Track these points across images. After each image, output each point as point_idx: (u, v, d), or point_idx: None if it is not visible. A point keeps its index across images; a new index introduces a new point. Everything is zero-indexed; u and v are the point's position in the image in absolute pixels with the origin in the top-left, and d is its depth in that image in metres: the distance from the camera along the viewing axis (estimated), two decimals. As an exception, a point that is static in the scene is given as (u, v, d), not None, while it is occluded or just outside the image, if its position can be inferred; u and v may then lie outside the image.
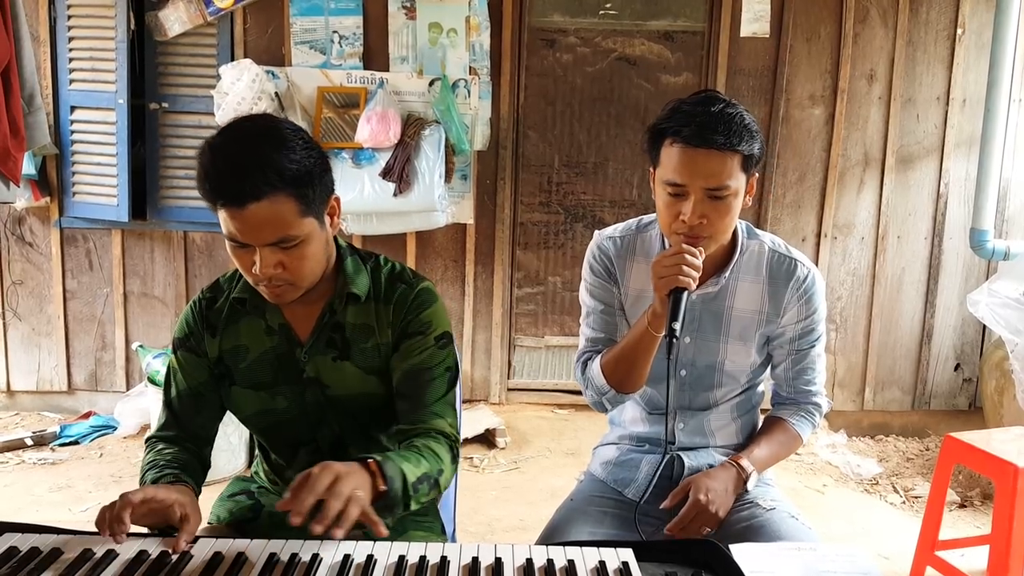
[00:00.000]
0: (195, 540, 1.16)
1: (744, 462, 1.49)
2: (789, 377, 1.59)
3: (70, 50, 3.55)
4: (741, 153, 1.36)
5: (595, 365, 1.52)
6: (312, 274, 1.30)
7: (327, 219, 1.30)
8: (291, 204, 1.20)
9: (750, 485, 1.49)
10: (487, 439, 3.53)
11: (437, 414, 1.34)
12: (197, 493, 1.30)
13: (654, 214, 1.56)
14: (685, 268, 1.34)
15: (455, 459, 1.33)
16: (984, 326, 3.70)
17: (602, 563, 1.11)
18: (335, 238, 1.38)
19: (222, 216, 1.21)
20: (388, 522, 1.19)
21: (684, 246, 1.36)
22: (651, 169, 1.46)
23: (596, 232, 1.62)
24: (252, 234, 1.21)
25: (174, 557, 1.11)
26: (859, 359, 3.84)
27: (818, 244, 3.74)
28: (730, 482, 1.45)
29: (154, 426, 1.43)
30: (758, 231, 1.56)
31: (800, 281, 1.52)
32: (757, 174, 1.44)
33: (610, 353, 1.50)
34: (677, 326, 1.33)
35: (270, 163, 1.18)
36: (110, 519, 1.13)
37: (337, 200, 1.32)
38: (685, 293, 1.35)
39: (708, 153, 1.34)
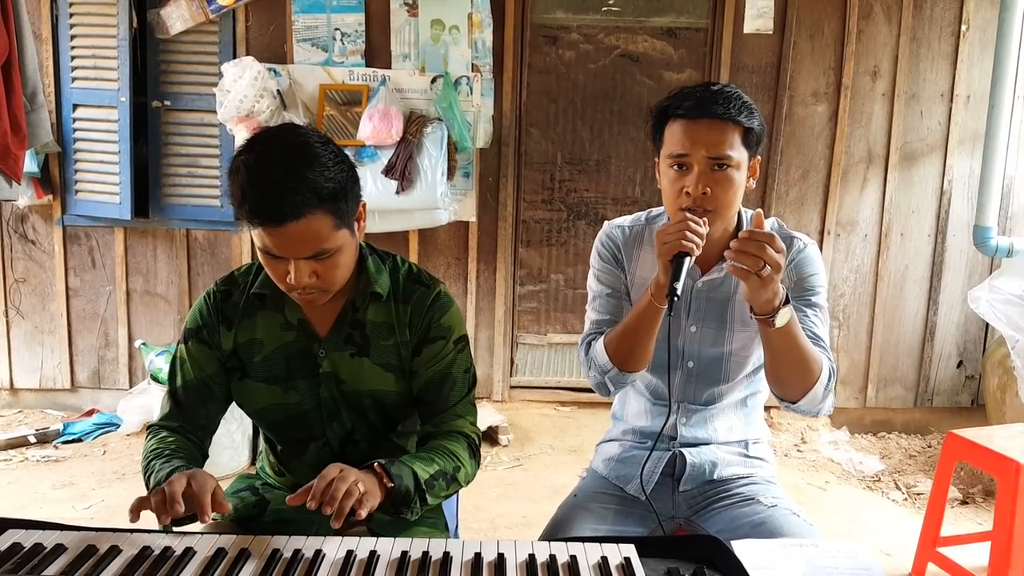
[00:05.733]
0: (199, 534, 1.17)
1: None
2: None
3: (72, 48, 3.55)
4: (741, 125, 1.40)
5: (599, 344, 1.52)
6: (343, 279, 1.33)
7: (355, 225, 1.32)
8: (327, 220, 1.23)
9: (783, 310, 1.33)
10: (490, 436, 3.53)
11: (458, 415, 1.40)
12: None
13: (663, 207, 1.57)
14: (688, 234, 1.34)
15: (474, 455, 1.39)
16: (987, 323, 3.70)
17: (604, 559, 1.11)
18: None
19: (258, 233, 1.22)
20: (410, 517, 1.27)
21: (687, 214, 1.38)
22: (656, 158, 1.49)
23: (606, 222, 1.64)
24: (289, 249, 1.23)
25: (178, 551, 1.11)
26: (862, 356, 3.83)
27: (821, 241, 3.73)
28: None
29: (157, 415, 1.44)
30: None
31: (797, 252, 1.53)
32: (760, 157, 1.47)
33: (614, 331, 1.51)
34: (678, 286, 1.33)
35: (307, 183, 1.20)
36: (160, 503, 1.11)
37: (364, 205, 1.34)
38: (687, 258, 1.35)
39: (709, 123, 1.39)
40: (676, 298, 1.33)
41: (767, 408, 1.68)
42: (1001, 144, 3.35)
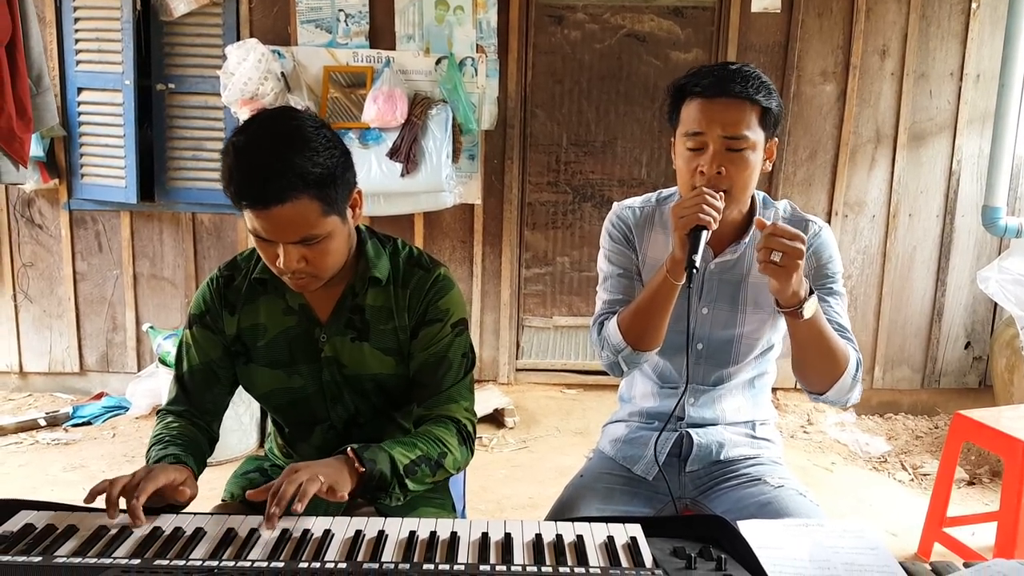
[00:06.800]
0: (209, 515, 1.18)
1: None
2: None
3: (76, 31, 3.54)
4: (759, 104, 1.38)
5: (611, 323, 1.51)
6: (334, 266, 1.32)
7: (349, 211, 1.32)
8: (314, 206, 1.22)
9: (808, 301, 1.35)
10: (496, 419, 3.55)
11: (452, 399, 1.39)
12: (198, 470, 1.34)
13: (673, 188, 1.56)
14: (705, 207, 1.34)
15: (465, 441, 1.38)
16: (995, 304, 3.68)
17: (611, 538, 1.11)
18: None
19: (247, 215, 1.23)
20: (389, 503, 1.26)
21: (704, 188, 1.37)
22: (672, 137, 1.48)
23: (615, 203, 1.63)
24: (276, 233, 1.23)
25: (188, 532, 1.12)
26: (869, 337, 3.82)
27: (829, 222, 3.69)
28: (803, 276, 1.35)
29: (165, 399, 1.46)
30: (774, 201, 1.56)
31: (813, 236, 1.52)
32: (777, 139, 1.45)
33: (627, 309, 1.50)
34: (697, 258, 1.32)
35: (293, 167, 1.19)
36: (106, 500, 1.17)
37: (360, 192, 1.34)
38: (705, 232, 1.34)
39: (726, 102, 1.37)
40: (695, 271, 1.32)
41: (774, 389, 1.68)
42: (1011, 124, 3.32)
